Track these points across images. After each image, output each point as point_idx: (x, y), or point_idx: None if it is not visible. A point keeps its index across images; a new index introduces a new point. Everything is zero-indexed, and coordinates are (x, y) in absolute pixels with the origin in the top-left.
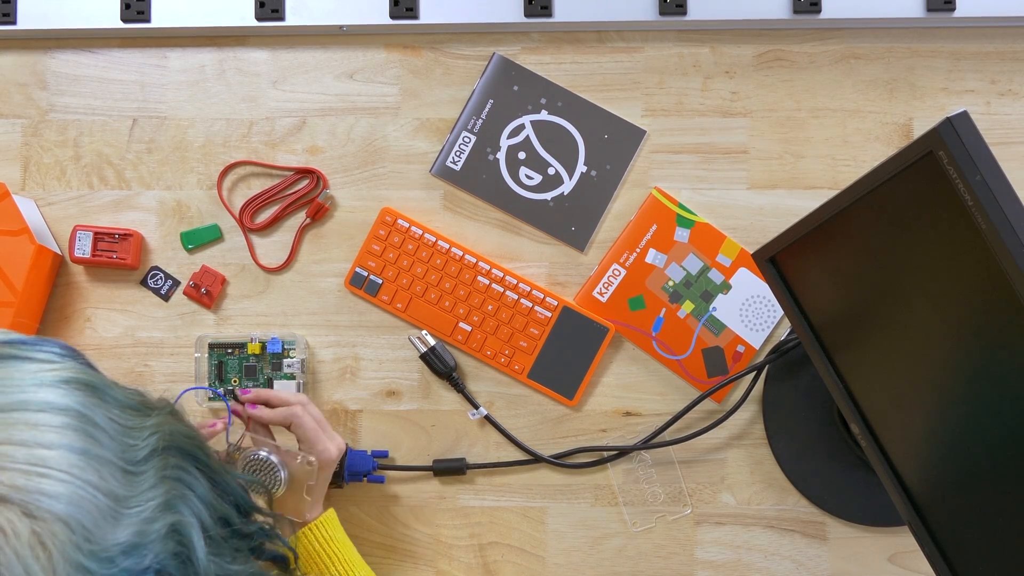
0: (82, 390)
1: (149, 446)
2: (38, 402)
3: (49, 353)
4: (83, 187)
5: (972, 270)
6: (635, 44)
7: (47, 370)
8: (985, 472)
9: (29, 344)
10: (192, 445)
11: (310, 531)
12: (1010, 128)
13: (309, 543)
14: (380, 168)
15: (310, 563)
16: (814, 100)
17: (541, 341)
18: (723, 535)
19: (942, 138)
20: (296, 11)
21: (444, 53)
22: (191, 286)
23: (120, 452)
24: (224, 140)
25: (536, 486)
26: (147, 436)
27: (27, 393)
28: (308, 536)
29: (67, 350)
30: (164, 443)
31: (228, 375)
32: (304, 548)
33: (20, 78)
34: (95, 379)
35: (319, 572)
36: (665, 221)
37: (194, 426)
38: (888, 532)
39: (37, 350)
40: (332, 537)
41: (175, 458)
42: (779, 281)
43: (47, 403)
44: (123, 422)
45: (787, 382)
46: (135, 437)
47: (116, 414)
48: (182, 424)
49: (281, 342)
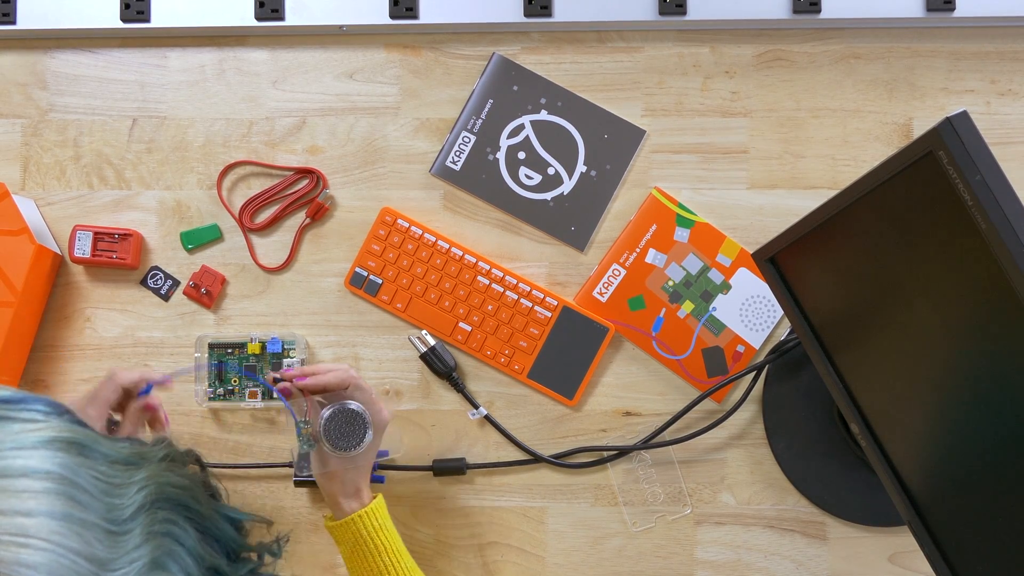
0: (66, 450)
1: (136, 503)
2: (19, 468)
3: (33, 412)
4: (83, 187)
5: (972, 270)
6: (635, 44)
7: (30, 430)
8: (985, 472)
9: (13, 403)
10: (183, 495)
11: (360, 519)
12: (1010, 128)
13: (359, 530)
14: (380, 168)
15: (356, 551)
16: (814, 100)
17: (541, 341)
18: (723, 535)
19: (942, 138)
20: (296, 11)
21: (444, 53)
22: (191, 286)
23: (105, 512)
24: (224, 140)
25: (536, 486)
26: (135, 492)
27: (7, 459)
28: (358, 524)
29: (52, 407)
30: (153, 497)
31: (228, 375)
32: (352, 535)
33: (20, 78)
34: (81, 436)
35: (365, 562)
36: (665, 221)
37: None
38: (888, 532)
39: (20, 409)
40: (382, 526)
41: (164, 511)
42: (779, 281)
43: (28, 468)
44: (110, 479)
45: (787, 382)
46: (122, 495)
47: (103, 471)
48: (173, 473)
49: (281, 342)
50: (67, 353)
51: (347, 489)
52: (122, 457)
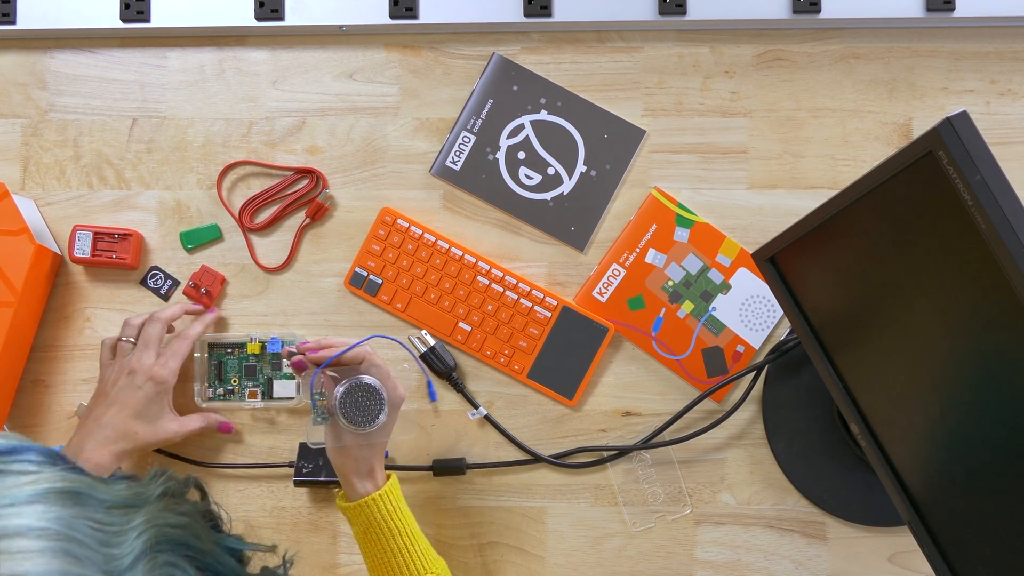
0: (62, 502)
1: (135, 551)
2: (14, 528)
3: (24, 463)
4: (83, 187)
5: (972, 270)
6: (635, 44)
7: (24, 483)
8: (985, 472)
9: (4, 455)
10: (183, 534)
11: (374, 502)
12: (1010, 128)
13: (372, 513)
14: (380, 168)
15: (369, 533)
16: (814, 100)
17: (541, 341)
18: (723, 535)
19: (942, 138)
20: (296, 11)
21: (444, 53)
22: (191, 286)
23: (103, 564)
24: (224, 140)
25: (536, 486)
26: (134, 539)
27: (2, 519)
28: (371, 507)
29: (45, 455)
30: (153, 541)
31: (228, 375)
32: (366, 517)
33: (20, 78)
34: (77, 484)
35: (378, 544)
36: (665, 221)
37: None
38: (888, 532)
39: (12, 461)
40: (396, 508)
41: (164, 554)
42: (779, 281)
43: (23, 527)
44: (107, 527)
45: (787, 382)
46: (120, 543)
47: (100, 519)
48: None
49: (281, 342)
50: (67, 353)
51: (360, 468)
52: (120, 501)
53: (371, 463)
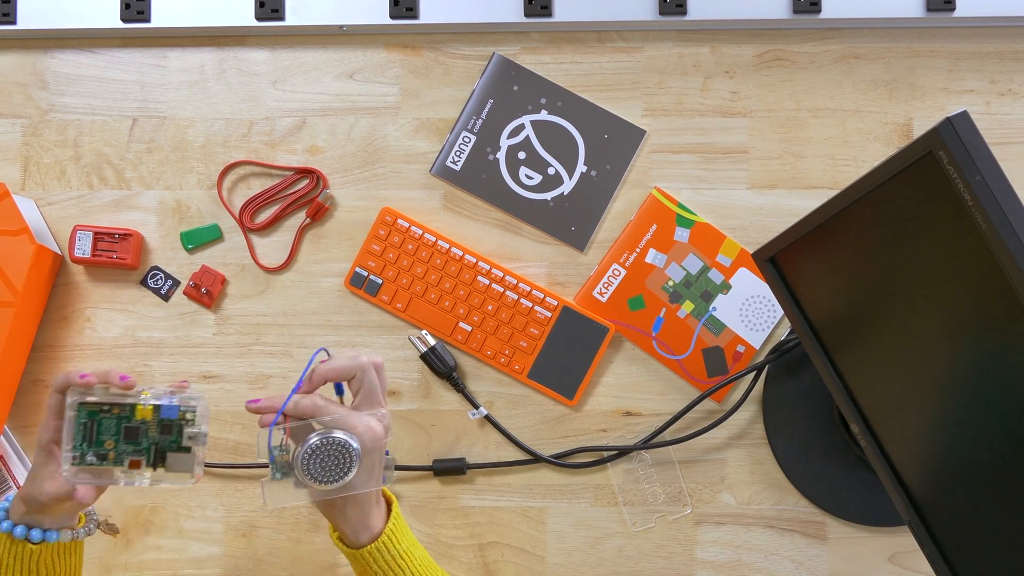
0: None
1: None
2: None
3: None
4: (83, 187)
5: (972, 270)
6: (635, 44)
7: None
8: (985, 472)
9: None
10: None
11: (370, 554)
12: (1010, 128)
13: (369, 565)
14: (380, 168)
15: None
16: (814, 100)
17: (541, 341)
18: (723, 535)
19: (942, 138)
20: (296, 11)
21: (444, 53)
22: (191, 286)
23: None
24: (224, 140)
25: (536, 486)
26: None
27: None
28: (369, 559)
29: None
30: None
31: (102, 437)
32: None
33: (20, 78)
34: None
35: None
36: (665, 221)
37: None
38: (888, 532)
39: None
40: (400, 553)
41: None
42: (779, 281)
43: None
44: None
45: (787, 382)
46: None
47: None
48: None
49: (179, 408)
50: (67, 353)
51: (351, 521)
52: None
53: (364, 512)
